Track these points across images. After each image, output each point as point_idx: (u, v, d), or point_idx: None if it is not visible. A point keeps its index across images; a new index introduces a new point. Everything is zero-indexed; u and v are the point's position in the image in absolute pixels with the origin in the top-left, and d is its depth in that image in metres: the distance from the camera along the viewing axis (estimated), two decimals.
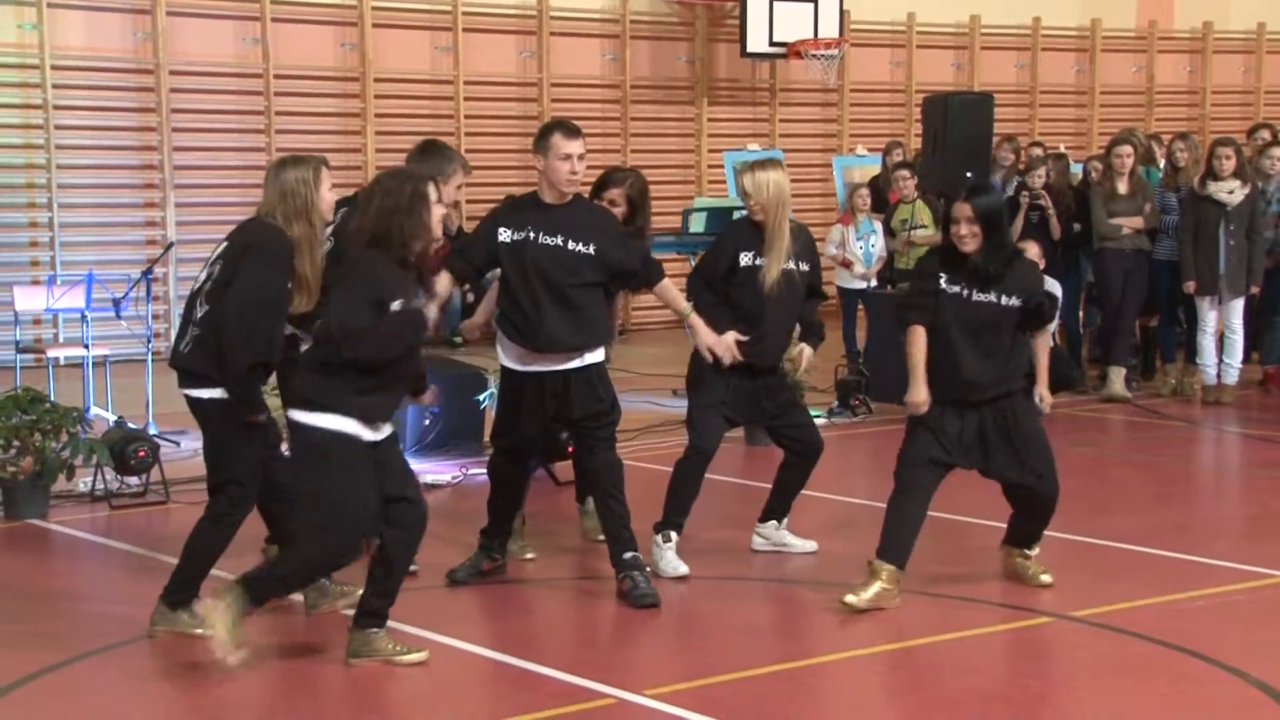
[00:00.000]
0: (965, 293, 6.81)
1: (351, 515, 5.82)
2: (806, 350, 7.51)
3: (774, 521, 7.69)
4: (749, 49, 18.24)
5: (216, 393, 6.40)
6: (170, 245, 13.61)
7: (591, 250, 6.84)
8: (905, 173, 13.87)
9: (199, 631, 6.33)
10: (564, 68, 17.82)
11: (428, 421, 9.83)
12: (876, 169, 16.16)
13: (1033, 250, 11.95)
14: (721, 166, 18.18)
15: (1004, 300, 6.82)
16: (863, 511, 8.73)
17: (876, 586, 6.74)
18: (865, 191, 14.01)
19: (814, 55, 18.08)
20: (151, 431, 10.30)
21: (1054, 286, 11.93)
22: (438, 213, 6.00)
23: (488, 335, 7.58)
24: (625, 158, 18.03)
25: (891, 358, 12.34)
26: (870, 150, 18.28)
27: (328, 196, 6.56)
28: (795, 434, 7.52)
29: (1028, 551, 7.22)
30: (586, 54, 18.10)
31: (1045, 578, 7.11)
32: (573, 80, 17.93)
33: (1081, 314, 13.85)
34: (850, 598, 6.69)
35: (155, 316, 13.97)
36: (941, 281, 6.84)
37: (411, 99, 16.86)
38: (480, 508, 7.54)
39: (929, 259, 7.14)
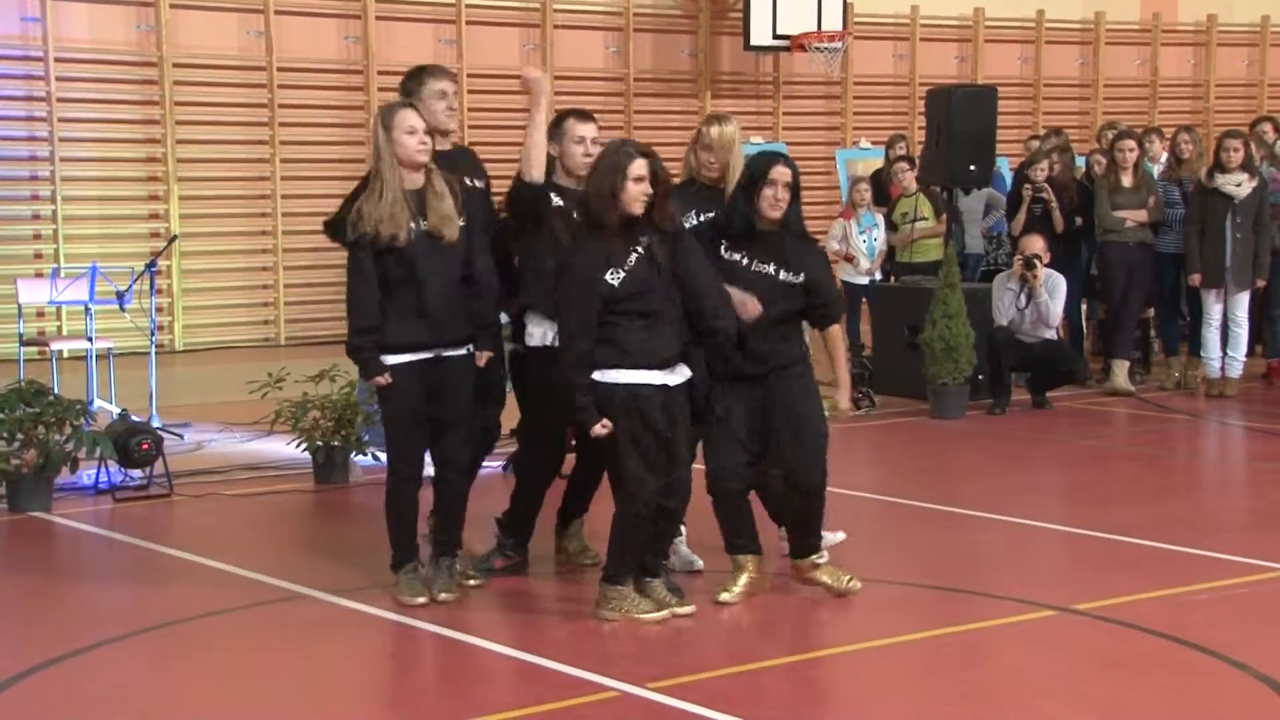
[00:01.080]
0: (745, 261, 6.68)
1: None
2: None
3: None
4: (752, 42, 18.20)
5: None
6: (174, 238, 13.61)
7: None
8: (904, 165, 13.87)
9: (411, 598, 6.61)
10: (567, 60, 17.79)
11: None
12: (880, 162, 16.13)
13: (1037, 244, 11.98)
14: None
15: (783, 274, 6.68)
16: (869, 505, 8.73)
17: (745, 578, 6.75)
18: (865, 185, 14.00)
19: (817, 48, 18.04)
20: (155, 424, 10.31)
21: (1058, 280, 11.95)
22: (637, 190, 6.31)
23: None
24: None
25: (895, 351, 12.47)
26: (874, 143, 18.25)
27: (406, 140, 6.51)
28: None
29: (815, 559, 6.86)
30: (590, 47, 18.08)
31: (855, 584, 6.83)
32: (576, 73, 17.89)
33: (1084, 307, 13.85)
34: (725, 595, 6.68)
35: (159, 309, 13.94)
36: (721, 248, 6.71)
37: None
38: (485, 499, 7.55)
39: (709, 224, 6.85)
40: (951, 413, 11.65)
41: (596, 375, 6.28)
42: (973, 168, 12.80)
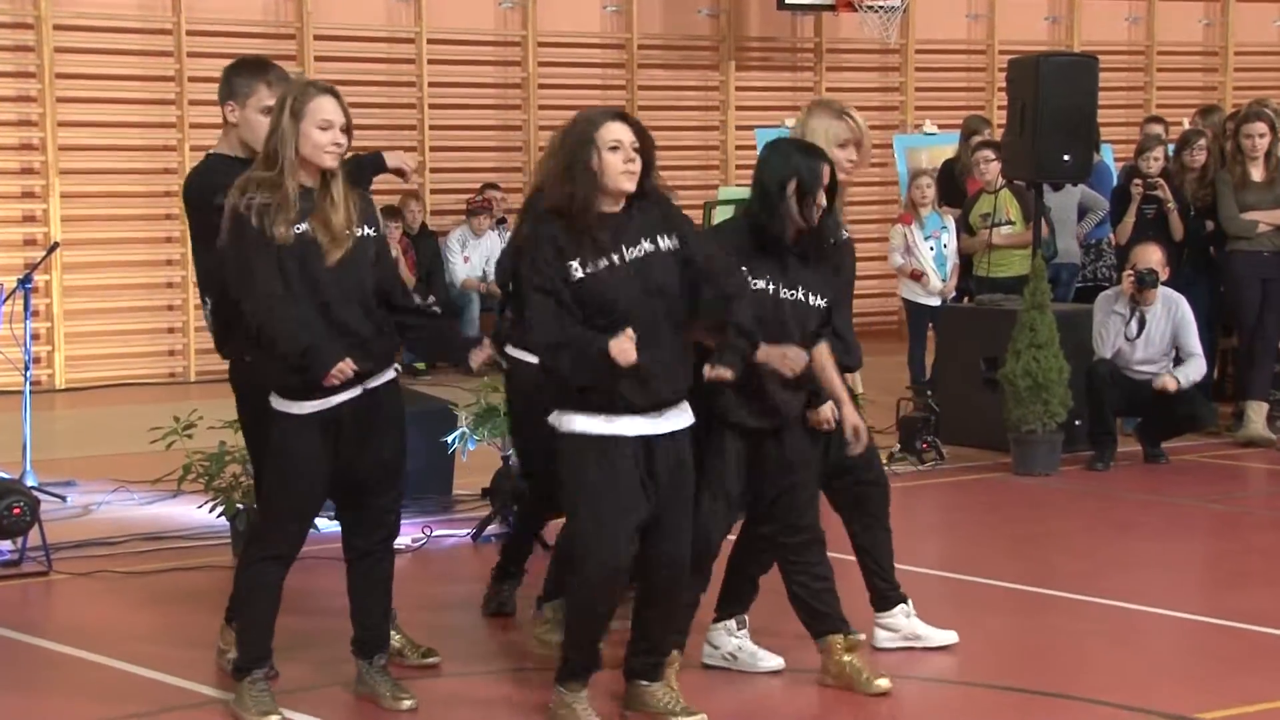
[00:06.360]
0: (771, 288, 6.71)
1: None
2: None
3: (902, 606, 7.56)
4: None
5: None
6: (54, 246, 13.61)
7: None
8: (988, 154, 13.84)
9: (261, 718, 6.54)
10: (555, 23, 17.84)
11: None
12: (948, 150, 16.14)
13: (1153, 256, 11.94)
14: (753, 147, 18.18)
15: (812, 299, 6.76)
16: (935, 583, 8.72)
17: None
18: (927, 180, 13.98)
19: (870, 7, 18.10)
20: (29, 483, 10.29)
21: (1185, 310, 11.87)
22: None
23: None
24: None
25: (968, 390, 12.45)
26: (941, 127, 18.29)
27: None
28: None
29: (851, 636, 7.02)
30: (583, 5, 18.13)
31: (881, 682, 6.91)
32: (566, 38, 17.95)
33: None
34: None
35: (35, 336, 13.96)
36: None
37: (362, 61, 16.88)
38: (451, 575, 7.54)
39: (730, 234, 6.91)
40: (1040, 467, 11.63)
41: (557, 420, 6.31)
42: (1067, 158, 12.80)
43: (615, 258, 6.20)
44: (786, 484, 6.83)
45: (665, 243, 6.29)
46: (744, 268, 6.65)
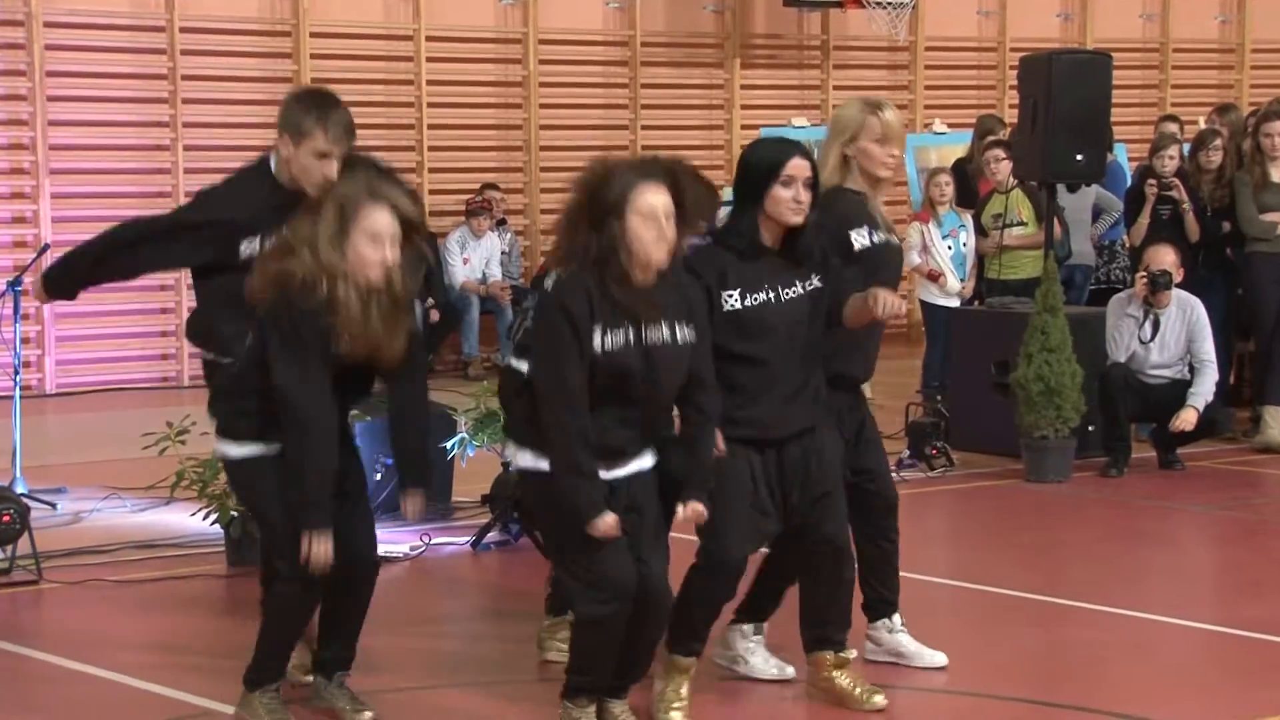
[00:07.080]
0: (773, 297, 6.65)
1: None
2: None
3: (884, 620, 7.51)
4: None
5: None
6: (45, 248, 13.60)
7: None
8: (1000, 153, 13.84)
9: None
10: (556, 20, 17.84)
11: (379, 475, 9.81)
12: (958, 150, 16.14)
13: (1167, 257, 11.93)
14: None
15: (807, 285, 6.74)
16: (945, 593, 8.72)
17: (687, 685, 6.74)
18: (945, 178, 13.99)
19: (879, 4, 18.10)
20: (19, 489, 10.29)
21: (1201, 314, 11.86)
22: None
23: (453, 366, 7.64)
24: (635, 135, 18.05)
25: (979, 395, 12.44)
26: (951, 126, 18.29)
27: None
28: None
29: (842, 654, 6.96)
30: (585, 2, 18.12)
31: (878, 699, 6.88)
32: (567, 36, 17.94)
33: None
34: (676, 715, 6.68)
35: (26, 340, 13.95)
36: (727, 299, 6.60)
37: (359, 59, 16.88)
38: (450, 583, 7.54)
39: (707, 258, 6.73)
40: (1053, 474, 11.62)
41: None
42: (1080, 157, 12.78)
43: (633, 334, 6.13)
44: (829, 488, 6.79)
45: (682, 332, 6.22)
46: (735, 288, 6.60)
